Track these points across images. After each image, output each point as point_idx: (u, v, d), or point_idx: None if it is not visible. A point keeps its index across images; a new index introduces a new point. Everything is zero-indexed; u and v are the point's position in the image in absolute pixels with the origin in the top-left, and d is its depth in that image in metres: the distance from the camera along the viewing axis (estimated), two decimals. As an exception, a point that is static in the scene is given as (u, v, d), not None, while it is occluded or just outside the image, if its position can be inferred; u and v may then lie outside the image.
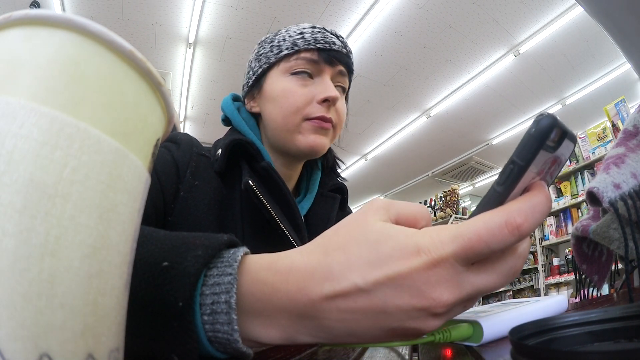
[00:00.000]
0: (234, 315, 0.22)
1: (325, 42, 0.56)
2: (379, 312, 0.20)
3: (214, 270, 0.23)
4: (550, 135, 0.19)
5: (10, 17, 0.15)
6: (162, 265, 0.22)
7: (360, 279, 0.20)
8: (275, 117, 0.56)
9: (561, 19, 2.92)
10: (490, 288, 0.21)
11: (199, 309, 0.22)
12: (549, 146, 0.19)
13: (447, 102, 4.01)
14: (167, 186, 0.50)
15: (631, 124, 0.50)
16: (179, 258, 0.22)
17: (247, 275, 0.23)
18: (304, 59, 0.55)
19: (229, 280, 0.22)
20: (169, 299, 0.21)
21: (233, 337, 0.22)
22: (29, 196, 0.12)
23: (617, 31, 0.53)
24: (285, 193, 0.53)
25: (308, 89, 0.55)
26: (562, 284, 3.20)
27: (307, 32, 0.56)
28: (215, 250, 0.23)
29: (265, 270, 0.23)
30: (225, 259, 0.23)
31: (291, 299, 0.22)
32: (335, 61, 0.56)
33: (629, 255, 0.41)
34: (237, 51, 3.21)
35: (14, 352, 0.11)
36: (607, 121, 2.64)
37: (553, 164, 0.21)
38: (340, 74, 0.58)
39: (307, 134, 0.55)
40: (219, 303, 0.22)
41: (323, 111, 0.54)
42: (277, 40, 0.58)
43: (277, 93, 0.55)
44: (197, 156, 0.55)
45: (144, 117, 0.17)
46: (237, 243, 0.25)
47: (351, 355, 0.29)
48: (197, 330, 0.22)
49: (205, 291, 0.22)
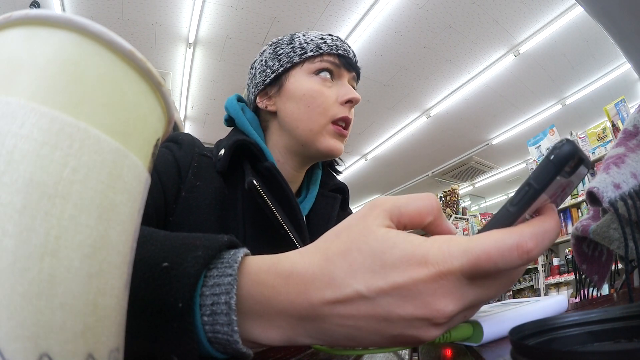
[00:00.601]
0: (233, 317, 0.22)
1: (344, 50, 0.61)
2: (381, 320, 0.20)
3: (214, 271, 0.23)
4: (569, 162, 0.19)
5: (10, 17, 0.15)
6: (162, 265, 0.22)
7: (363, 287, 0.20)
8: (299, 116, 0.57)
9: (561, 19, 2.92)
10: (490, 298, 0.21)
11: (199, 310, 0.22)
12: (565, 172, 0.19)
13: (447, 102, 4.01)
14: (169, 186, 0.50)
15: (631, 124, 0.50)
16: (178, 259, 0.22)
17: (247, 277, 0.23)
18: (328, 61, 0.59)
19: (229, 281, 0.22)
20: (169, 299, 0.21)
21: (233, 338, 0.22)
22: (29, 196, 0.12)
23: (617, 31, 0.53)
24: (287, 194, 0.53)
25: (331, 90, 0.58)
26: (562, 284, 3.20)
27: (328, 39, 0.61)
28: (215, 250, 0.23)
29: (265, 272, 0.23)
30: (225, 260, 0.23)
31: (292, 302, 0.22)
32: (351, 68, 0.61)
33: (629, 255, 0.41)
34: (237, 51, 3.21)
35: (14, 352, 0.11)
36: (607, 121, 2.64)
37: (565, 187, 0.21)
38: (353, 80, 0.62)
39: (328, 137, 0.57)
40: (219, 304, 0.22)
41: (347, 112, 0.58)
42: (298, 42, 0.60)
43: (303, 92, 0.57)
44: (199, 156, 0.55)
45: (144, 117, 0.17)
46: (237, 244, 0.25)
47: (351, 355, 0.29)
48: (196, 331, 0.22)
49: (205, 292, 0.22)
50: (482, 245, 0.19)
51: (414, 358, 0.29)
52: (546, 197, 0.21)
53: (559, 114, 4.11)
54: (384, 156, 5.18)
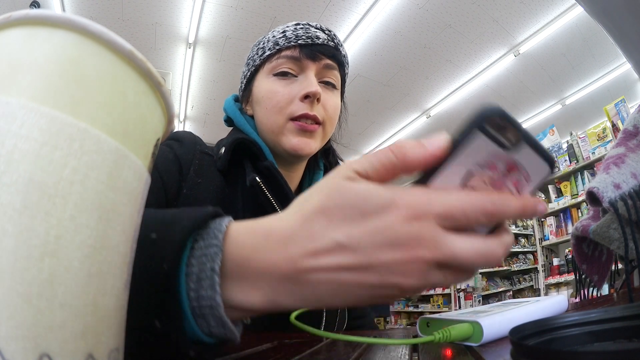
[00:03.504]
0: (217, 278, 0.22)
1: (307, 37, 0.55)
2: (362, 269, 0.21)
3: (200, 242, 0.23)
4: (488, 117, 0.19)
5: (10, 17, 0.15)
6: (150, 237, 0.23)
7: (343, 236, 0.21)
8: (262, 119, 0.56)
9: (561, 19, 2.92)
10: (466, 260, 0.21)
11: (185, 278, 0.23)
12: (493, 136, 0.20)
13: (447, 102, 4.01)
14: (169, 184, 0.50)
15: (631, 124, 0.50)
16: (166, 230, 0.23)
17: (228, 240, 0.23)
18: (285, 57, 0.55)
19: (215, 252, 0.23)
20: (156, 267, 0.22)
21: (216, 302, 0.22)
22: (29, 196, 0.12)
23: (617, 31, 0.53)
24: (287, 192, 0.54)
25: (290, 87, 0.54)
26: (562, 284, 3.20)
27: (289, 30, 0.56)
28: (200, 220, 0.24)
29: (243, 234, 0.23)
30: (211, 230, 0.24)
31: (272, 260, 0.22)
32: (319, 55, 0.55)
33: (629, 255, 0.41)
34: (237, 51, 3.21)
35: (14, 352, 0.11)
36: (607, 121, 2.64)
37: (511, 169, 0.21)
38: (327, 68, 0.56)
39: (290, 136, 0.54)
40: (205, 271, 0.22)
41: (306, 108, 0.53)
42: (262, 43, 0.58)
43: (262, 95, 0.56)
44: (201, 154, 0.55)
45: (144, 117, 0.17)
46: (221, 214, 0.26)
47: (351, 355, 0.29)
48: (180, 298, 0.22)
49: (192, 262, 0.23)
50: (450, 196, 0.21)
51: (414, 358, 0.29)
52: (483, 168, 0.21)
53: (559, 114, 4.11)
54: (384, 156, 5.18)
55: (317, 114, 0.54)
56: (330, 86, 0.58)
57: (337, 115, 0.59)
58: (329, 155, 0.67)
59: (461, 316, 0.32)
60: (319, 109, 0.55)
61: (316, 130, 0.55)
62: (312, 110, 0.54)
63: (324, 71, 0.56)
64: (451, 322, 0.31)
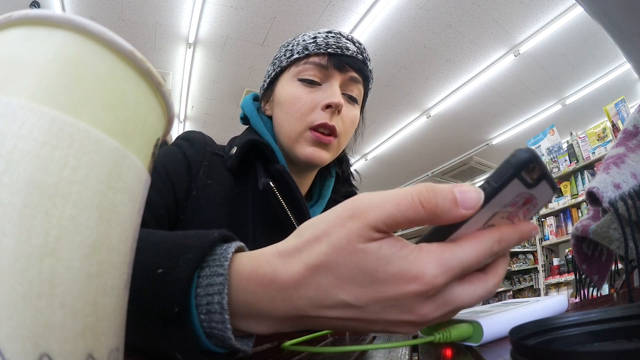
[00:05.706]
0: (226, 316, 0.23)
1: (337, 47, 0.54)
2: (366, 322, 0.22)
3: (206, 270, 0.24)
4: (527, 165, 0.19)
5: (10, 17, 0.15)
6: (157, 272, 0.23)
7: (351, 297, 0.21)
8: (281, 123, 0.56)
9: (561, 19, 2.91)
10: (468, 306, 0.23)
11: (196, 310, 0.23)
12: (524, 178, 0.20)
13: (447, 102, 4.01)
14: (179, 185, 0.50)
15: (631, 124, 0.50)
16: (171, 264, 0.23)
17: (233, 280, 0.24)
18: (313, 63, 0.54)
19: (221, 281, 0.23)
20: (166, 305, 0.22)
21: (227, 335, 0.23)
22: (29, 196, 0.12)
23: (617, 31, 0.53)
24: (297, 197, 0.53)
25: (314, 95, 0.54)
26: (562, 284, 3.19)
27: (320, 37, 0.55)
28: (205, 250, 0.24)
29: (246, 279, 0.23)
30: (217, 257, 0.24)
31: (276, 307, 0.23)
32: (346, 67, 0.55)
33: (629, 255, 0.41)
34: (237, 51, 3.21)
35: (14, 352, 0.11)
36: (607, 121, 2.64)
37: (527, 202, 0.22)
38: (352, 81, 0.56)
39: (305, 145, 0.54)
40: (213, 304, 0.23)
41: (326, 118, 0.53)
42: (291, 45, 0.58)
43: (285, 98, 0.55)
44: (211, 155, 0.55)
45: (144, 117, 0.17)
46: (229, 237, 0.26)
47: (351, 355, 0.29)
48: (195, 330, 0.23)
49: (200, 292, 0.23)
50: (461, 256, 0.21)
51: (414, 358, 0.29)
52: (506, 207, 0.21)
53: (559, 114, 4.11)
54: (384, 156, 5.17)
55: (335, 124, 0.54)
56: (352, 100, 0.57)
57: (353, 128, 0.59)
58: (342, 164, 0.67)
59: (461, 316, 0.32)
60: (337, 120, 0.55)
61: (331, 142, 0.55)
62: (331, 120, 0.53)
63: (348, 83, 0.56)
64: (451, 322, 0.31)
